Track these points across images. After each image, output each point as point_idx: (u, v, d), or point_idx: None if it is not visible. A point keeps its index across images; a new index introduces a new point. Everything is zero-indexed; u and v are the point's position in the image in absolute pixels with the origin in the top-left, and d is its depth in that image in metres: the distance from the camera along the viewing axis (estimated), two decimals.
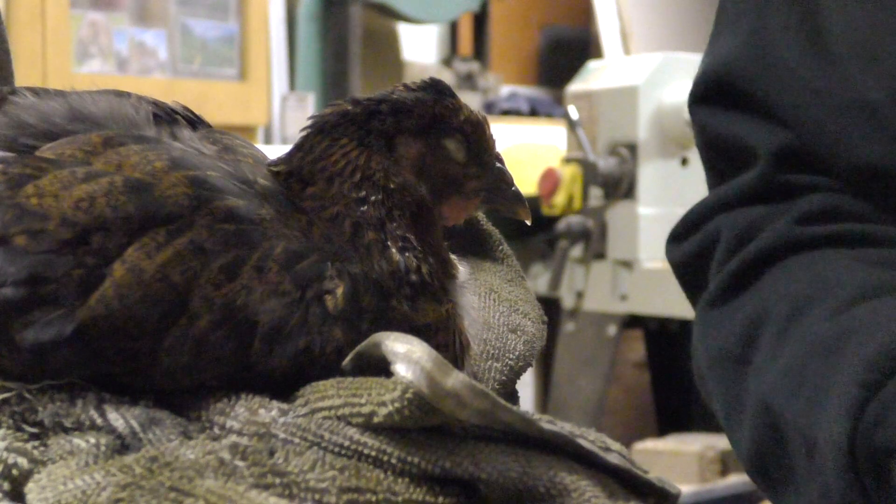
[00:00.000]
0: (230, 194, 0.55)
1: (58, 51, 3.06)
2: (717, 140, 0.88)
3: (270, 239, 0.55)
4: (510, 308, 0.70)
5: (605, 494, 0.51)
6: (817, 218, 0.83)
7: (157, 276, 0.52)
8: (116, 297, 0.52)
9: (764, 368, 0.79)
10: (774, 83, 0.84)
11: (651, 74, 2.86)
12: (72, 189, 0.53)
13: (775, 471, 0.79)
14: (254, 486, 0.47)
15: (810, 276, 0.80)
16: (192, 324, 0.53)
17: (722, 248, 0.85)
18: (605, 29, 4.39)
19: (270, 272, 0.54)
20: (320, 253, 0.56)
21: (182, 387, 0.54)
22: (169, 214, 0.53)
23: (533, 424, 0.51)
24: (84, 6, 3.20)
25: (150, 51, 3.34)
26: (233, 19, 3.46)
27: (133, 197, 0.53)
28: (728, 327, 0.83)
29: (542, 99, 4.50)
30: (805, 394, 0.74)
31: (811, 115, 0.83)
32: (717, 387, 0.84)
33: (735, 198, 0.86)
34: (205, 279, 0.53)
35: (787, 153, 0.84)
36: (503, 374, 0.66)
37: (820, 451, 0.72)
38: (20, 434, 0.51)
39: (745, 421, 0.80)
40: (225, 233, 0.54)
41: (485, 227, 0.75)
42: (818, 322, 0.76)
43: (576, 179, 2.88)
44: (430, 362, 0.49)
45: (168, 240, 0.53)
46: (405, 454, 0.49)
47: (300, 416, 0.51)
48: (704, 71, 0.89)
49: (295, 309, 0.54)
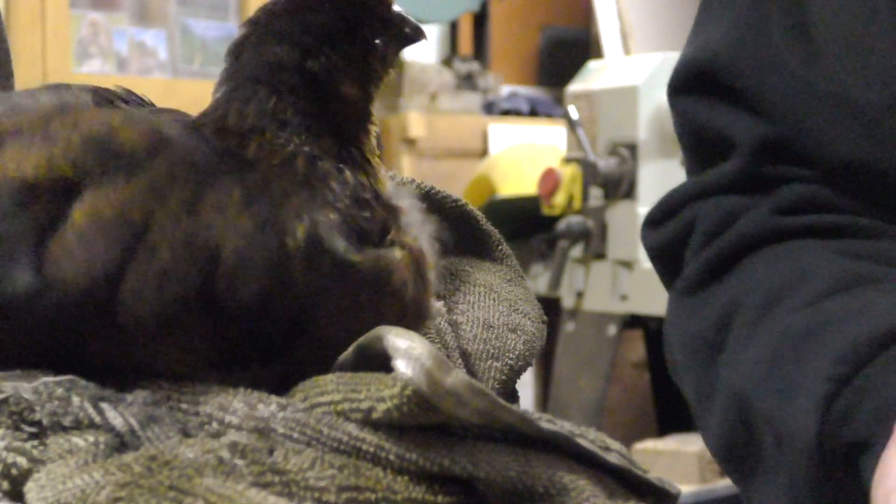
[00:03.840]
0: (187, 142, 0.56)
1: (58, 51, 3.06)
2: (697, 130, 0.88)
3: (228, 183, 0.55)
4: (510, 308, 0.70)
5: (605, 494, 0.51)
6: (796, 208, 0.83)
7: (115, 215, 0.53)
8: (76, 238, 0.52)
9: (735, 357, 0.79)
10: (757, 75, 0.84)
11: (651, 74, 2.85)
12: (30, 153, 0.54)
13: (743, 459, 0.79)
14: (253, 484, 0.47)
15: (786, 266, 0.80)
16: (154, 255, 0.53)
17: (698, 235, 0.85)
18: (605, 29, 4.39)
19: (230, 209, 0.54)
20: (278, 195, 0.56)
21: (149, 327, 0.53)
22: (127, 161, 0.54)
23: (532, 424, 0.51)
24: (84, 6, 3.21)
25: (150, 51, 3.34)
26: (233, 19, 3.46)
27: (90, 148, 0.54)
28: (702, 315, 0.83)
29: (542, 99, 4.49)
30: (775, 385, 0.74)
31: (793, 108, 0.82)
32: (689, 373, 0.84)
33: (713, 187, 0.86)
34: (164, 215, 0.53)
35: (768, 146, 0.83)
36: (503, 374, 0.66)
37: (789, 444, 0.72)
38: (19, 433, 0.51)
39: (715, 408, 0.81)
40: (184, 175, 0.54)
41: (485, 227, 0.75)
42: (791, 313, 0.76)
43: (576, 179, 2.88)
44: (430, 360, 0.49)
45: (126, 181, 0.53)
46: (404, 451, 0.49)
47: (299, 411, 0.51)
48: (686, 60, 0.88)
49: (255, 242, 0.54)
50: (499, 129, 3.95)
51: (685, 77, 0.88)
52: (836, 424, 0.69)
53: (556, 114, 4.13)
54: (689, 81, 0.88)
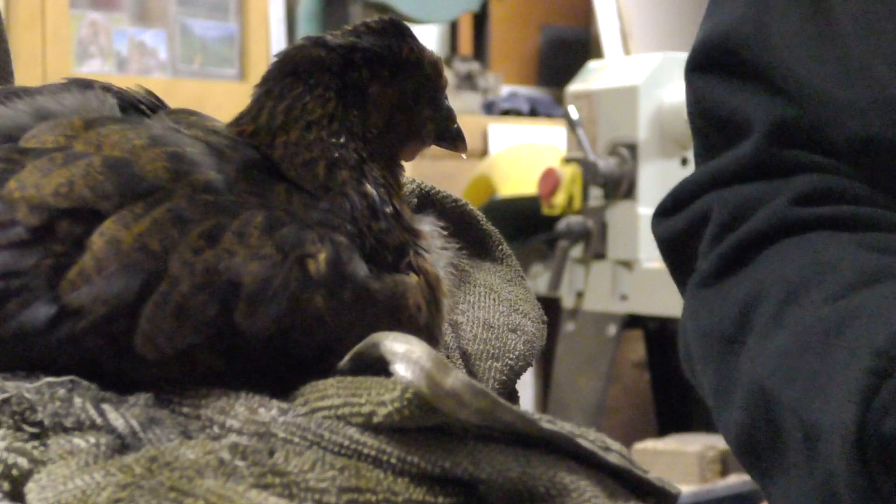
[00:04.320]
0: (209, 168, 0.55)
1: (58, 51, 3.06)
2: (712, 110, 0.87)
3: (250, 208, 0.55)
4: (510, 308, 0.70)
5: (605, 494, 0.51)
6: (813, 199, 0.82)
7: (135, 245, 0.52)
8: (95, 269, 0.52)
9: (758, 351, 0.78)
10: (775, 52, 0.83)
11: (651, 74, 2.85)
12: (51, 176, 0.53)
13: (766, 453, 0.78)
14: (254, 485, 0.47)
15: (807, 258, 0.80)
16: (174, 288, 0.52)
17: (713, 226, 0.85)
18: (605, 29, 4.39)
19: (251, 237, 0.54)
20: (301, 221, 0.56)
21: (166, 356, 0.53)
22: (148, 188, 0.54)
23: (533, 424, 0.51)
24: (84, 6, 3.20)
25: (150, 51, 3.34)
26: (233, 19, 3.46)
27: (111, 174, 0.54)
28: (721, 307, 0.82)
29: (542, 99, 4.49)
30: (803, 378, 0.74)
31: (811, 86, 0.82)
32: (707, 367, 0.83)
33: (728, 173, 0.85)
34: (184, 245, 0.53)
35: (784, 126, 0.83)
36: (503, 374, 0.66)
37: (824, 438, 0.71)
38: (20, 434, 0.51)
39: (736, 402, 0.80)
40: (204, 202, 0.54)
41: (485, 227, 0.75)
42: (817, 306, 0.76)
43: (576, 179, 2.88)
44: (429, 362, 0.49)
45: (146, 210, 0.53)
46: (405, 454, 0.49)
47: (300, 416, 0.51)
48: (703, 38, 0.87)
49: (277, 271, 0.54)
50: (499, 129, 3.95)
51: (702, 55, 0.87)
52: (877, 418, 0.68)
53: (556, 114, 4.13)
54: (705, 59, 0.87)
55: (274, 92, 0.59)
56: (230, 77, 3.44)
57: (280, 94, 0.59)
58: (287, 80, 0.59)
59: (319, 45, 0.60)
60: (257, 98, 0.60)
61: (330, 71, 0.59)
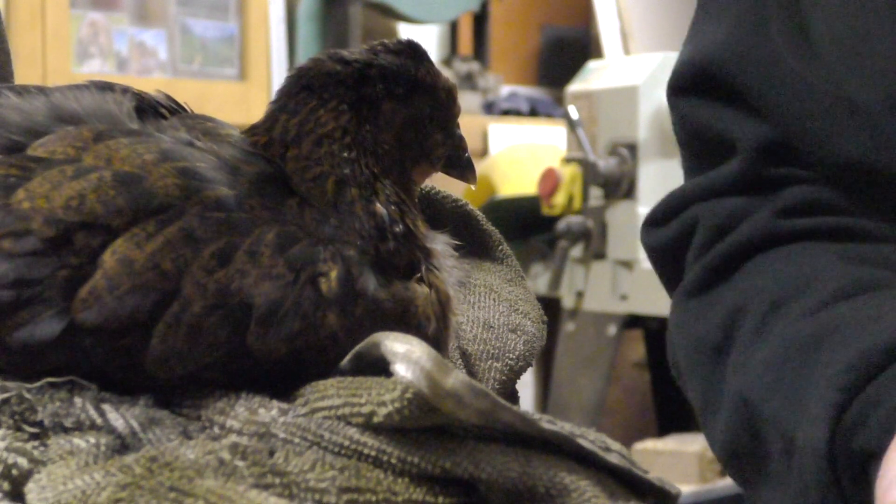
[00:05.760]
0: (220, 184, 0.55)
1: (58, 51, 3.06)
2: (697, 131, 0.87)
3: (262, 225, 0.55)
4: (510, 308, 0.70)
5: (605, 494, 0.52)
6: (798, 211, 0.82)
7: (147, 264, 0.52)
8: (107, 288, 0.52)
9: (742, 362, 0.79)
10: (757, 76, 0.84)
11: (651, 74, 2.85)
12: (61, 188, 0.53)
13: (750, 464, 0.79)
14: (254, 486, 0.47)
15: (790, 270, 0.80)
16: (186, 310, 0.52)
17: (700, 237, 0.85)
18: (605, 29, 4.39)
19: (263, 256, 0.54)
20: (313, 237, 0.56)
21: (176, 376, 0.53)
22: (159, 205, 0.53)
23: (533, 424, 0.51)
24: (84, 6, 3.20)
25: (150, 51, 3.34)
26: (233, 19, 3.46)
27: (123, 190, 0.53)
28: (706, 318, 0.83)
29: (542, 99, 4.49)
30: (783, 391, 0.74)
31: (794, 110, 0.82)
32: (694, 377, 0.84)
33: (715, 188, 0.85)
34: (197, 266, 0.53)
35: (769, 147, 0.83)
36: (503, 374, 0.66)
37: (799, 452, 0.72)
38: (20, 434, 0.51)
39: (721, 413, 0.80)
40: (216, 220, 0.54)
41: (485, 227, 0.75)
42: (798, 319, 0.76)
43: (576, 179, 2.88)
44: (429, 362, 0.49)
45: (158, 229, 0.53)
46: (405, 454, 0.49)
47: (300, 416, 0.51)
48: (685, 60, 0.88)
49: (289, 291, 0.54)
50: (499, 129, 3.95)
51: (684, 78, 0.88)
52: (848, 433, 0.69)
53: (556, 114, 4.13)
54: (688, 82, 0.87)
55: (289, 106, 0.59)
56: (230, 77, 3.44)
57: (294, 108, 0.59)
58: (302, 95, 0.59)
59: (336, 60, 0.60)
60: (271, 112, 0.60)
61: (345, 85, 0.59)
